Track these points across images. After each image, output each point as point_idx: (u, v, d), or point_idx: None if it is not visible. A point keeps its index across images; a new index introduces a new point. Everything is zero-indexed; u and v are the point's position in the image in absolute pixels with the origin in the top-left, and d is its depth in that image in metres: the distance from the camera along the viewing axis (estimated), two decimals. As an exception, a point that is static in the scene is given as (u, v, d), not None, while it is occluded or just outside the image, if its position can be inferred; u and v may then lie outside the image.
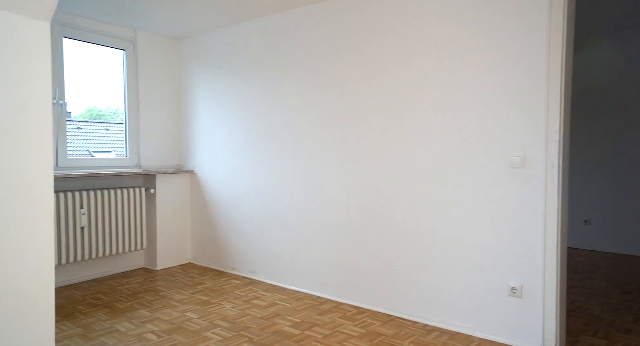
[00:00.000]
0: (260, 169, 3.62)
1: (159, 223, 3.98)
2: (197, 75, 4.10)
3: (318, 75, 3.22)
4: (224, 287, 3.46)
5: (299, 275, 3.39)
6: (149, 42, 4.03)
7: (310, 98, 3.28)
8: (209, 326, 2.70)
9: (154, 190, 3.94)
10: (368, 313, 2.92)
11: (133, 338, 2.53)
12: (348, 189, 3.09)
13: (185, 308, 2.99)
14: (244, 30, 3.68)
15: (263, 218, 3.62)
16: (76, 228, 3.40)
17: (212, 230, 4.03)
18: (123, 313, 2.91)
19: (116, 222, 3.67)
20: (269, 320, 2.79)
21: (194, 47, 4.12)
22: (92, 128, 11.67)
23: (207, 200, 4.06)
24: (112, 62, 3.91)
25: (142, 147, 4.02)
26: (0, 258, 1.60)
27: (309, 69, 3.28)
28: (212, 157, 4.00)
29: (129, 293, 3.32)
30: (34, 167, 1.68)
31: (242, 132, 3.75)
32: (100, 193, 3.55)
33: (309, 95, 3.28)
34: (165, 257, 4.04)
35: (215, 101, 3.95)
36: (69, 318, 2.81)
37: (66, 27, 3.49)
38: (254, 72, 3.63)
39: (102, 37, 3.73)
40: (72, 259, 3.38)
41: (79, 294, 3.29)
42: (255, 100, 3.64)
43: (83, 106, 3.94)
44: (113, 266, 3.84)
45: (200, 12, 3.45)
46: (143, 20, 3.68)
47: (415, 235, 2.79)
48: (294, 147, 3.39)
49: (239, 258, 3.82)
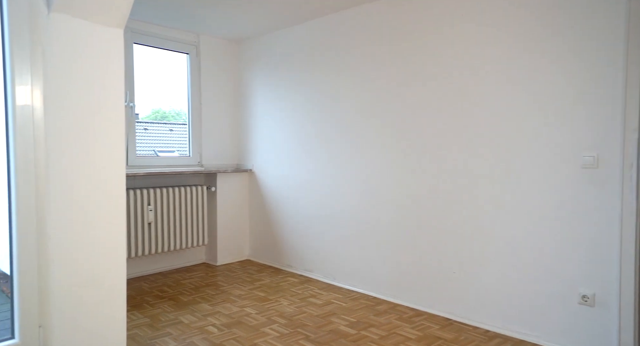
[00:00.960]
0: (317, 169, 3.65)
1: (220, 221, 4.12)
2: (256, 76, 4.20)
3: (375, 75, 3.20)
4: (280, 284, 3.52)
5: (354, 274, 3.39)
6: (211, 46, 4.19)
7: (367, 98, 3.26)
8: (267, 322, 2.76)
9: (214, 189, 4.08)
10: (426, 315, 2.85)
11: (196, 330, 2.64)
12: (405, 189, 3.04)
13: (244, 304, 3.08)
14: (302, 31, 3.73)
15: (319, 217, 3.65)
16: (144, 223, 3.60)
17: (270, 228, 4.12)
18: (186, 305, 3.04)
19: (180, 219, 3.84)
20: (325, 319, 2.80)
21: (253, 49, 4.22)
22: (158, 129, 12.24)
23: (265, 198, 4.15)
24: (176, 65, 4.10)
25: (204, 147, 4.18)
26: (81, 251, 1.73)
27: (366, 69, 3.26)
28: (270, 156, 4.08)
29: (191, 286, 3.47)
30: (109, 165, 1.79)
31: (299, 132, 3.79)
32: (166, 191, 3.73)
33: (366, 95, 3.26)
34: (225, 253, 4.18)
35: (273, 102, 4.03)
36: (137, 308, 2.98)
37: (136, 33, 3.70)
38: (311, 72, 3.67)
39: (167, 42, 3.92)
40: (141, 253, 3.58)
41: (147, 286, 3.48)
42: (313, 101, 3.67)
43: (149, 108, 4.16)
44: (177, 261, 4.03)
45: (259, 15, 3.54)
46: (206, 25, 3.83)
47: (476, 237, 2.69)
48: (350, 147, 3.38)
49: (295, 256, 3.88)
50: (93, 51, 1.70)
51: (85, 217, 1.74)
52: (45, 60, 1.59)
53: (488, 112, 2.62)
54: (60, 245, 1.68)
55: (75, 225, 1.71)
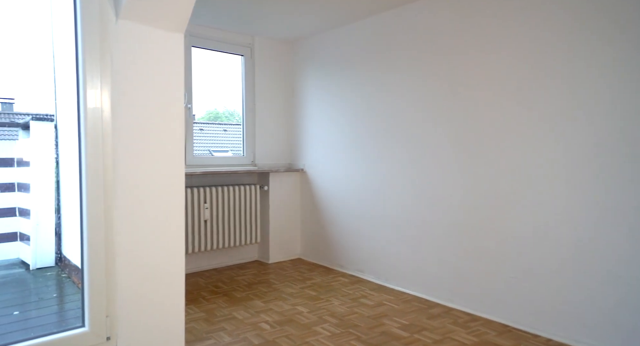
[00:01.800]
0: (369, 168, 3.62)
1: (272, 219, 4.19)
2: (309, 76, 4.23)
3: (429, 74, 3.12)
4: (331, 284, 3.52)
5: (407, 276, 3.33)
6: (265, 47, 4.27)
7: (421, 97, 3.19)
8: (318, 321, 2.77)
9: (267, 188, 4.16)
10: (482, 321, 2.75)
11: (249, 326, 2.69)
12: (462, 190, 2.95)
13: (295, 302, 3.11)
14: (355, 30, 3.71)
15: (371, 217, 3.62)
16: (200, 221, 3.72)
17: (321, 227, 4.13)
18: (240, 302, 3.12)
19: (234, 217, 3.94)
20: (377, 320, 2.77)
21: (306, 49, 4.26)
22: (212, 130, 12.61)
23: (316, 197, 4.18)
24: (231, 67, 4.21)
25: (257, 147, 4.26)
26: (144, 246, 1.81)
27: (421, 67, 3.19)
28: (322, 156, 4.10)
29: (244, 283, 3.55)
30: (170, 164, 1.86)
31: (351, 131, 3.78)
32: (221, 190, 3.84)
33: (420, 94, 3.20)
34: (277, 252, 4.25)
35: (325, 101, 4.04)
36: (194, 303, 3.09)
37: (194, 37, 3.83)
38: (364, 71, 3.65)
39: (223, 45, 4.03)
40: (197, 249, 3.71)
41: (203, 281, 3.60)
42: (365, 100, 3.64)
43: (204, 109, 4.29)
44: (230, 258, 4.14)
45: (313, 15, 3.56)
46: (260, 27, 3.90)
47: (537, 241, 2.56)
48: (404, 146, 3.33)
49: (346, 256, 3.87)
50: (156, 55, 1.78)
51: (148, 213, 1.82)
52: (113, 65, 1.68)
53: (552, 109, 2.49)
54: (125, 240, 1.77)
55: (138, 221, 1.80)
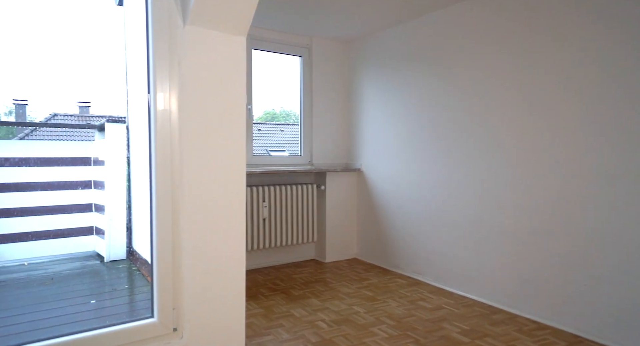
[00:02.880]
0: (428, 168, 3.55)
1: (328, 219, 4.21)
2: (366, 75, 4.21)
3: (494, 71, 3.00)
4: (388, 285, 3.48)
5: (468, 280, 3.22)
6: (322, 47, 4.30)
7: (485, 94, 3.07)
8: (375, 322, 2.75)
9: (324, 187, 4.18)
10: (549, 330, 2.61)
11: (306, 324, 2.72)
12: (526, 191, 2.81)
13: (352, 302, 3.10)
14: (413, 27, 3.65)
15: (430, 218, 3.54)
16: (259, 219, 3.82)
17: (378, 228, 4.10)
18: (297, 300, 3.16)
19: (291, 216, 4.00)
20: (436, 324, 2.70)
21: (363, 48, 4.24)
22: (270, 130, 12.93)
23: (373, 197, 4.15)
24: (288, 67, 4.28)
25: (315, 146, 4.30)
26: (207, 242, 1.88)
27: (484, 64, 3.08)
28: (379, 155, 4.06)
29: (301, 281, 3.59)
30: (232, 164, 1.92)
31: (409, 130, 3.72)
32: (279, 189, 3.92)
33: (484, 91, 3.08)
34: (333, 251, 4.26)
35: (383, 100, 4.00)
36: (253, 299, 3.17)
37: (254, 39, 3.93)
38: (422, 69, 3.57)
39: (282, 46, 4.11)
40: (256, 247, 3.81)
41: (261, 278, 3.69)
42: (424, 98, 3.57)
43: (262, 109, 4.40)
44: (288, 256, 4.21)
45: (370, 14, 3.54)
46: (318, 27, 3.94)
47: (611, 246, 2.39)
48: (465, 145, 3.23)
49: (404, 257, 3.81)
50: (220, 58, 1.84)
51: (212, 210, 1.89)
52: (180, 68, 1.76)
53: (627, 105, 2.31)
54: (191, 236, 1.85)
55: (202, 218, 1.87)
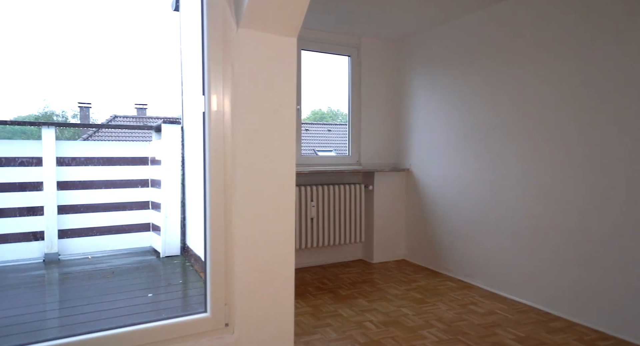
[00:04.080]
0: (480, 168, 3.44)
1: (376, 219, 4.18)
2: (416, 73, 4.14)
3: (548, 69, 2.86)
4: (438, 288, 3.41)
5: (522, 285, 3.09)
6: (371, 46, 4.27)
7: (540, 93, 2.94)
8: (424, 325, 2.70)
9: (372, 187, 4.16)
10: (613, 341, 2.45)
11: (354, 324, 2.71)
12: (586, 192, 2.66)
13: (400, 303, 3.06)
14: (461, 26, 3.55)
15: (482, 220, 3.43)
16: (307, 218, 3.85)
17: (427, 229, 4.02)
18: (344, 300, 3.16)
19: (339, 215, 4.00)
20: (488, 329, 2.62)
21: (413, 46, 4.17)
22: (317, 130, 12.99)
23: (422, 198, 4.07)
24: (336, 67, 4.28)
25: (363, 146, 4.28)
26: (258, 240, 1.92)
27: (536, 62, 2.94)
28: (429, 156, 3.99)
29: (349, 281, 3.59)
30: (283, 163, 1.95)
31: (461, 129, 3.62)
32: (327, 188, 3.93)
33: (539, 90, 2.95)
34: (381, 252, 4.23)
35: (432, 99, 3.92)
36: (301, 297, 3.20)
37: (303, 40, 3.97)
38: (473, 67, 3.47)
39: (330, 46, 4.12)
40: (304, 246, 3.84)
41: (309, 277, 3.72)
42: (475, 97, 3.46)
43: (309, 109, 4.44)
44: (335, 256, 4.21)
45: (421, 11, 3.48)
46: (367, 27, 3.91)
47: (687, 255, 2.21)
48: (520, 145, 3.10)
49: (454, 260, 3.71)
50: (271, 60, 1.87)
51: (262, 208, 1.92)
52: (233, 70, 1.81)
53: None
54: (242, 234, 1.89)
55: (254, 216, 1.91)
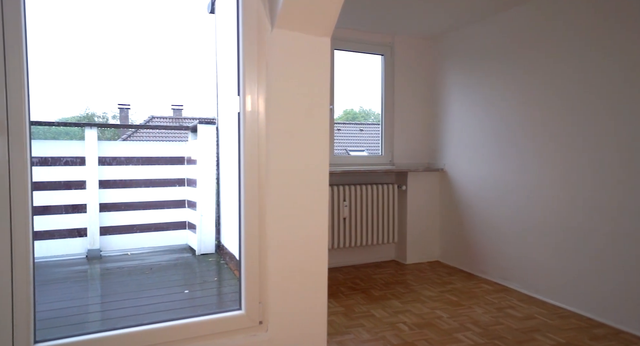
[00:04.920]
0: (518, 168, 3.34)
1: (409, 219, 4.13)
2: (451, 71, 4.06)
3: (586, 68, 2.75)
4: (473, 290, 3.34)
5: (563, 289, 2.98)
6: (405, 45, 4.22)
7: (578, 92, 2.82)
8: (459, 327, 2.64)
9: (405, 187, 4.11)
10: (662, 350, 2.34)
11: (387, 325, 2.69)
12: (628, 193, 2.54)
13: (434, 305, 3.01)
14: (499, 22, 3.45)
15: (520, 221, 3.33)
16: (340, 218, 3.84)
17: (462, 230, 3.94)
18: (377, 300, 3.14)
19: (371, 216, 3.98)
20: (527, 334, 2.54)
21: (446, 45, 4.10)
22: (349, 129, 12.97)
23: (457, 199, 3.99)
24: (368, 66, 4.25)
25: (396, 146, 4.24)
26: (292, 239, 1.93)
27: (574, 60, 2.83)
28: (463, 155, 3.90)
29: (382, 282, 3.56)
30: (316, 163, 1.96)
31: (497, 129, 3.52)
32: (359, 188, 3.91)
33: (576, 88, 2.83)
34: (414, 253, 4.17)
35: (468, 98, 3.84)
36: (333, 297, 3.20)
37: (335, 39, 3.96)
38: (511, 65, 3.37)
39: (363, 45, 4.10)
40: (337, 245, 3.84)
41: (341, 277, 3.71)
42: (512, 95, 3.36)
43: (341, 109, 4.42)
44: (368, 256, 4.19)
45: (456, 8, 3.41)
46: (401, 25, 3.87)
47: None
48: (557, 144, 2.99)
49: (490, 262, 3.62)
50: (305, 60, 1.88)
51: (296, 208, 1.94)
52: (267, 71, 1.83)
53: None
54: (276, 233, 1.91)
55: (287, 216, 1.92)
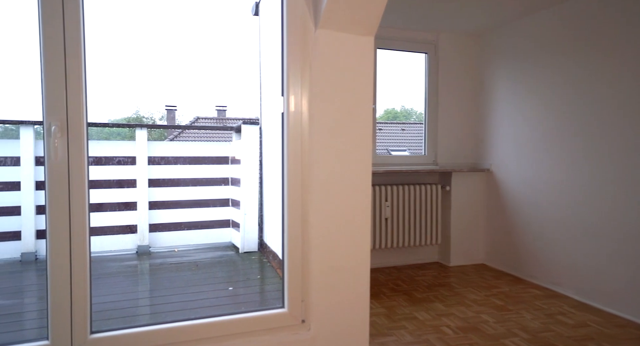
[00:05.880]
0: (570, 169, 3.19)
1: (453, 221, 4.04)
2: (498, 69, 3.93)
3: (656, 53, 2.58)
4: (521, 295, 3.22)
5: (619, 296, 2.82)
6: (450, 42, 4.12)
7: (635, 87, 2.66)
8: (506, 333, 2.56)
9: (449, 188, 4.02)
10: None
11: (430, 328, 2.64)
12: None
13: (479, 309, 2.93)
14: (550, 15, 3.31)
15: (571, 224, 3.18)
16: (381, 218, 3.81)
17: (509, 233, 3.81)
18: (420, 302, 3.08)
19: (414, 216, 3.92)
20: (580, 343, 2.42)
21: (494, 40, 3.97)
22: (390, 129, 12.86)
23: (504, 200, 3.86)
24: (410, 65, 4.19)
25: (439, 145, 4.15)
26: (334, 239, 1.93)
27: (631, 53, 2.67)
28: (511, 155, 3.77)
29: (424, 284, 3.50)
30: (359, 163, 1.95)
31: (549, 127, 3.38)
32: (401, 188, 3.87)
33: (633, 85, 2.67)
34: (459, 255, 4.07)
35: (517, 96, 3.70)
36: (375, 298, 3.18)
37: (378, 38, 3.93)
38: (564, 61, 3.22)
39: (407, 44, 4.04)
40: (378, 246, 3.81)
41: (383, 278, 3.68)
42: (566, 92, 3.22)
43: (382, 108, 4.38)
44: (409, 257, 4.13)
45: (502, 3, 3.30)
46: (446, 22, 3.79)
47: None
48: (613, 143, 2.83)
49: (539, 266, 3.48)
50: (348, 59, 1.88)
51: (338, 208, 1.93)
52: (311, 71, 1.84)
53: None
54: (319, 232, 1.92)
55: (330, 216, 1.92)
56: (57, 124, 1.53)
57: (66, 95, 1.54)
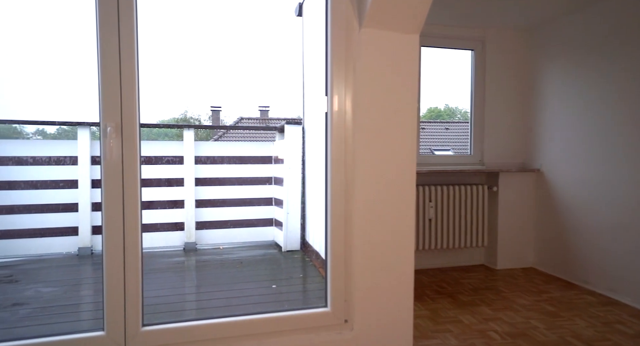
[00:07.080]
0: (624, 170, 3.01)
1: (501, 222, 3.91)
2: (547, 66, 3.77)
3: None
4: (574, 301, 3.07)
5: (684, 306, 2.64)
6: (497, 38, 3.99)
7: None
8: (559, 341, 2.44)
9: (496, 188, 3.89)
10: None
11: (476, 332, 2.57)
12: None
13: (529, 315, 2.82)
14: (606, 9, 3.13)
15: (628, 228, 3.00)
16: (425, 219, 3.75)
17: (561, 236, 3.64)
18: (465, 306, 3.01)
19: (459, 217, 3.82)
20: (639, 354, 2.28)
21: (544, 36, 3.81)
22: (433, 128, 12.65)
23: (555, 201, 3.70)
24: (455, 62, 4.09)
25: (486, 145, 4.03)
26: (377, 239, 1.92)
27: None
28: (563, 154, 3.60)
29: (470, 287, 3.41)
30: (403, 162, 1.92)
31: (604, 127, 3.20)
32: (446, 189, 3.78)
33: None
34: (506, 258, 3.94)
35: (570, 93, 3.53)
36: (419, 300, 3.12)
37: (423, 36, 3.86)
38: (622, 56, 3.04)
39: (452, 41, 3.95)
40: (421, 247, 3.75)
41: (426, 280, 3.62)
42: (619, 90, 3.04)
43: (425, 107, 4.30)
44: (454, 259, 4.03)
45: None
46: (493, 17, 3.67)
47: None
48: (682, 141, 2.65)
49: (594, 271, 3.31)
50: (393, 58, 1.86)
51: (382, 208, 1.92)
52: (355, 70, 1.83)
53: None
54: (362, 232, 1.91)
55: (373, 216, 1.91)
56: (112, 125, 1.60)
57: (121, 98, 1.61)
